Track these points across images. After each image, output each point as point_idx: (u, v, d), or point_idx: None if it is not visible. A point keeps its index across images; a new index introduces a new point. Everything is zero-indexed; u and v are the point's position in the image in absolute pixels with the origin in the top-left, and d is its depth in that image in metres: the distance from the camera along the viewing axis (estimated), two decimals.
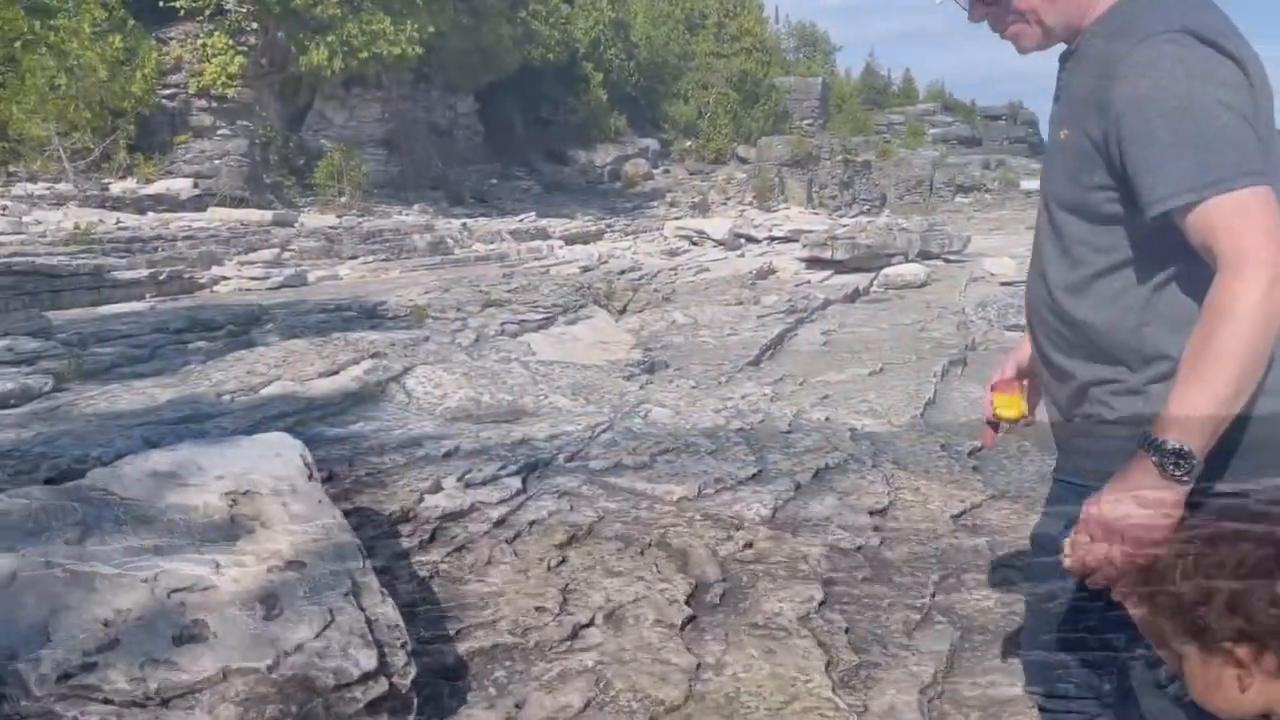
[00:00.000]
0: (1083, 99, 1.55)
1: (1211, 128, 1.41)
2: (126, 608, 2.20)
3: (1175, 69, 1.43)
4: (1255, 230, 1.37)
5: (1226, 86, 1.43)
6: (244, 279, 10.85)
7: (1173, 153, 1.41)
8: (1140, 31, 1.47)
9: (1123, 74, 1.46)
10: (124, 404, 4.81)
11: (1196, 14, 1.49)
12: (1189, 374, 1.39)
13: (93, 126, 15.98)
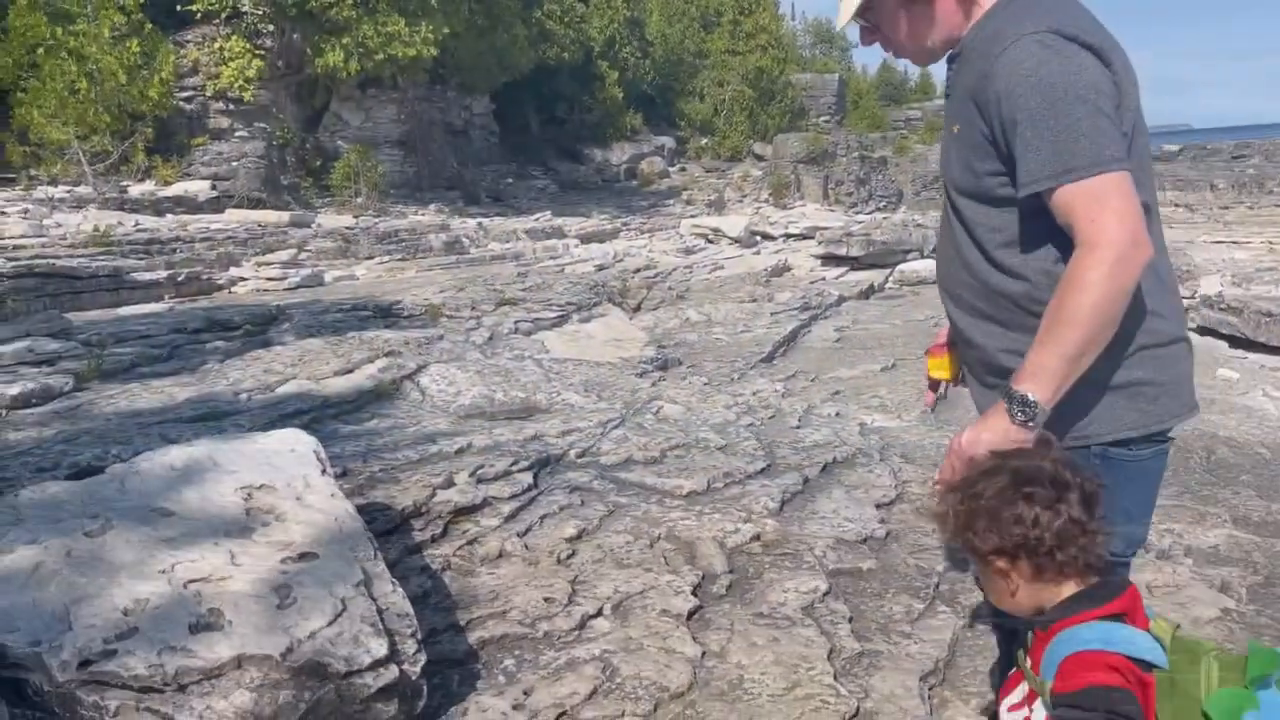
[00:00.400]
0: (968, 96, 1.71)
1: (1073, 119, 1.57)
2: (145, 597, 2.27)
3: (1042, 66, 1.59)
4: (1107, 214, 1.54)
5: (1089, 80, 1.59)
6: (261, 280, 10.95)
7: (1038, 141, 1.58)
8: (1013, 33, 1.63)
9: (999, 71, 1.62)
10: (143, 403, 4.89)
11: (1061, 15, 1.65)
12: (1043, 335, 1.58)
13: (112, 130, 16.14)
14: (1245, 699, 1.31)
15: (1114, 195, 1.55)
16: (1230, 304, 8.64)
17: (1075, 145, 1.56)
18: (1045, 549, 1.40)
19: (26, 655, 2.09)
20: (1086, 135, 1.57)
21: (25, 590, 2.26)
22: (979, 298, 1.79)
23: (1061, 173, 1.57)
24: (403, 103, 22.68)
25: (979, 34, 1.74)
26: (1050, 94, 1.58)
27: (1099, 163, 1.56)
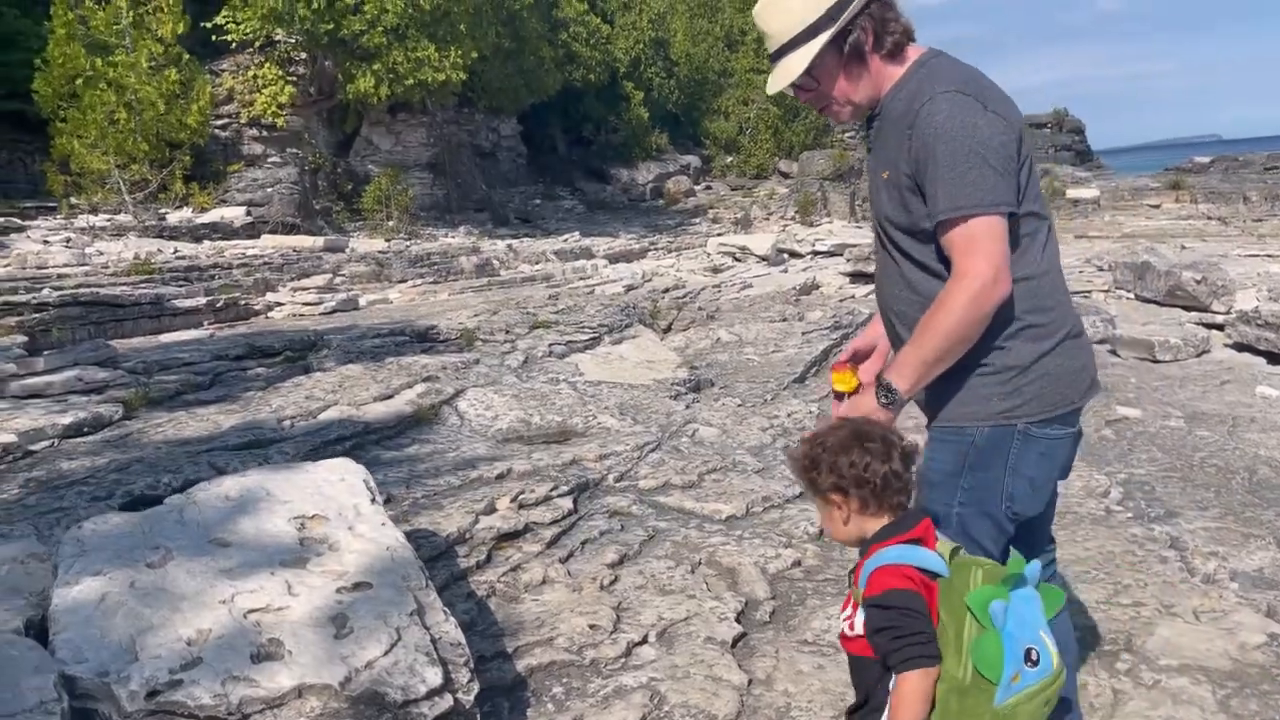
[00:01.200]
0: (893, 146, 2.04)
1: (965, 167, 1.91)
2: (207, 627, 2.33)
3: (949, 120, 1.93)
4: (977, 252, 1.92)
5: (983, 137, 1.93)
6: (297, 305, 11.10)
7: (940, 183, 1.93)
8: (929, 91, 1.97)
9: (919, 123, 1.96)
10: (190, 430, 4.99)
11: (967, 81, 2.01)
12: (913, 340, 1.98)
13: (150, 158, 16.44)
14: (996, 592, 1.67)
15: (985, 238, 1.91)
16: (1268, 319, 8.54)
17: (963, 190, 1.91)
18: (872, 488, 1.81)
19: (95, 686, 2.15)
20: (973, 184, 1.91)
21: (92, 622, 2.33)
22: (922, 310, 2.05)
23: (950, 210, 1.93)
24: (432, 126, 22.93)
25: (898, 94, 2.06)
26: (951, 144, 1.92)
27: (980, 206, 1.91)
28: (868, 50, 2.03)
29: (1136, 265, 12.29)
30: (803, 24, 2.01)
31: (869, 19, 2.01)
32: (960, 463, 2.09)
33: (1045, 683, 1.65)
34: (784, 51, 2.05)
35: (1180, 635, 3.17)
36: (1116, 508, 4.44)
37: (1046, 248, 2.10)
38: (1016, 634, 1.64)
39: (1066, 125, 53.61)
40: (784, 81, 2.06)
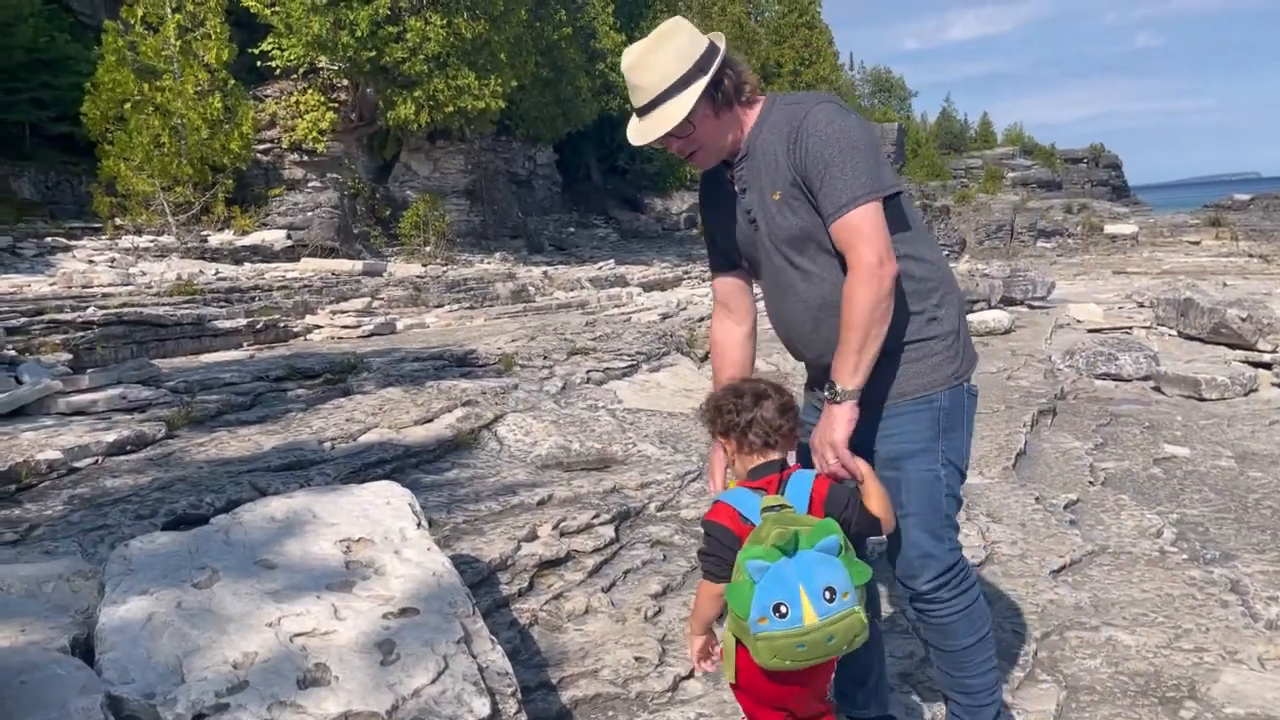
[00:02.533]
0: (776, 168, 2.22)
1: (845, 161, 2.13)
2: (253, 650, 2.30)
3: (830, 125, 2.16)
4: (860, 241, 2.13)
5: (857, 133, 2.16)
6: (336, 327, 11.17)
7: (827, 184, 2.15)
8: (803, 107, 2.20)
9: (802, 134, 2.16)
10: (231, 450, 5.00)
11: (828, 95, 2.26)
12: (840, 340, 2.17)
13: (194, 181, 16.71)
14: (763, 554, 1.94)
15: (865, 224, 2.12)
16: None
17: (844, 187, 2.12)
18: (740, 431, 2.15)
19: (142, 707, 2.12)
20: (851, 179, 2.12)
21: (139, 642, 2.30)
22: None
23: (834, 210, 2.14)
24: (470, 154, 23.14)
25: (761, 128, 2.26)
26: (832, 145, 2.14)
27: (856, 198, 2.12)
28: (733, 97, 2.22)
29: (1179, 302, 12.11)
30: (675, 76, 2.15)
31: (730, 69, 2.20)
32: (935, 428, 2.32)
33: (792, 632, 1.92)
34: (657, 102, 2.18)
35: (1245, 683, 3.06)
36: (1171, 549, 4.32)
37: (923, 233, 2.38)
38: (769, 588, 1.92)
39: (1103, 160, 53.31)
40: (664, 128, 2.18)
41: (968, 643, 2.37)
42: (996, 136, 57.63)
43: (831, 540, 1.95)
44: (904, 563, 2.35)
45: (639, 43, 2.22)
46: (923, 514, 2.31)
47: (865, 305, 2.11)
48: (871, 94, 58.16)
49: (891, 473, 2.30)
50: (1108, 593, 3.79)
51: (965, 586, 2.37)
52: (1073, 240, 36.45)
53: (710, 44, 2.21)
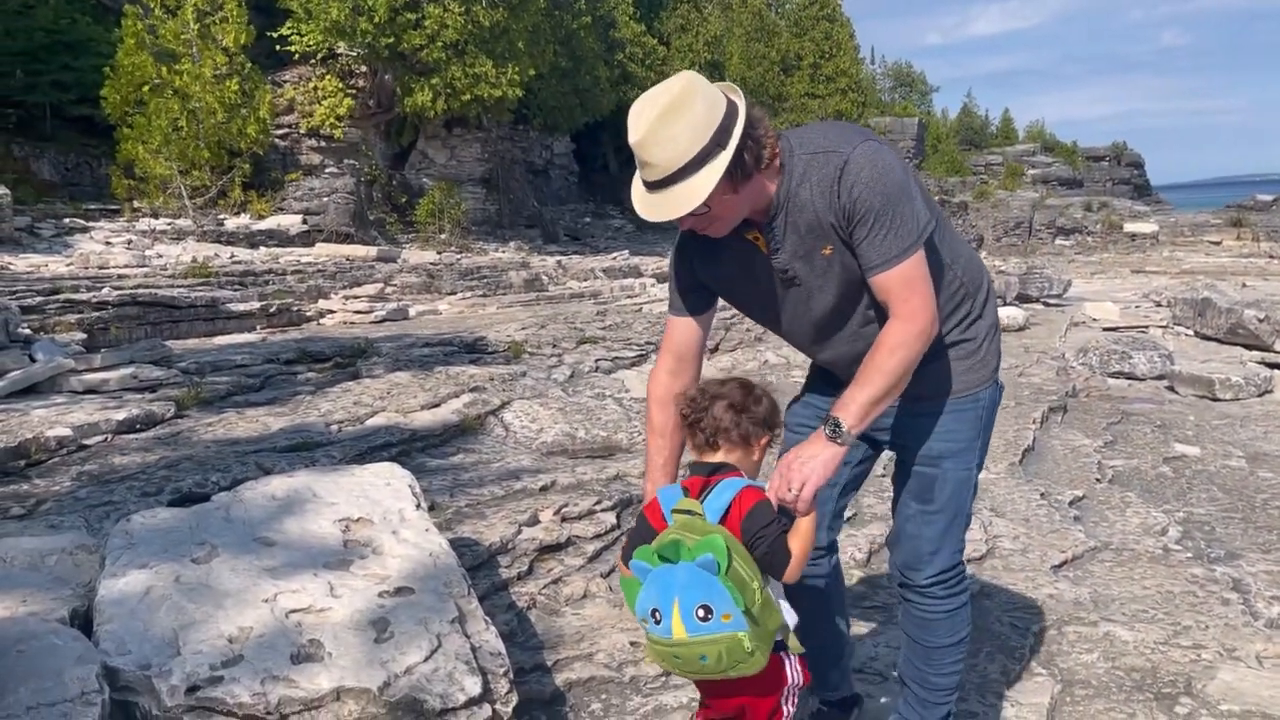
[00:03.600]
0: (818, 224, 2.06)
1: (895, 209, 2.00)
2: (249, 625, 2.33)
3: (873, 169, 2.00)
4: (913, 294, 2.02)
5: (899, 175, 2.03)
6: (348, 312, 11.21)
7: (874, 233, 2.02)
8: (839, 154, 2.02)
9: (844, 182, 2.00)
10: (239, 431, 5.03)
11: (851, 131, 2.09)
12: (861, 379, 2.02)
13: (211, 165, 16.80)
14: (646, 557, 1.88)
15: (916, 278, 2.02)
16: None
17: (893, 238, 2.00)
18: (689, 424, 2.11)
19: (137, 678, 2.15)
20: (899, 227, 2.00)
21: (136, 614, 2.33)
22: None
23: (881, 261, 2.01)
24: (486, 142, 23.18)
25: (790, 183, 2.06)
26: (879, 193, 1.99)
27: (908, 248, 2.01)
28: (753, 169, 2.01)
29: (1196, 302, 12.02)
30: (691, 154, 1.94)
31: (749, 140, 1.98)
32: (977, 427, 2.30)
33: (663, 641, 1.86)
34: (670, 182, 1.97)
35: (1242, 680, 3.04)
36: (1175, 547, 4.30)
37: (958, 244, 2.30)
38: (648, 592, 1.87)
39: (1125, 159, 52.88)
40: (678, 212, 1.98)
41: (946, 642, 2.38)
42: (1018, 133, 57.24)
43: (708, 559, 1.82)
44: (912, 554, 2.34)
45: (647, 109, 1.96)
46: (949, 512, 2.30)
47: (904, 361, 2.02)
48: (892, 89, 57.85)
49: (930, 469, 2.28)
50: (1108, 589, 3.77)
51: (960, 588, 2.38)
52: (1092, 238, 36.20)
53: (728, 107, 1.98)
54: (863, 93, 41.62)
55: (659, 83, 2.05)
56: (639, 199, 2.06)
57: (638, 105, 1.98)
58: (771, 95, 37.37)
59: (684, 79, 1.97)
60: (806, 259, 2.11)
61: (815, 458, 1.98)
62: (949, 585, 2.34)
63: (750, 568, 1.89)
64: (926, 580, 2.33)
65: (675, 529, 1.94)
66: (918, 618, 2.38)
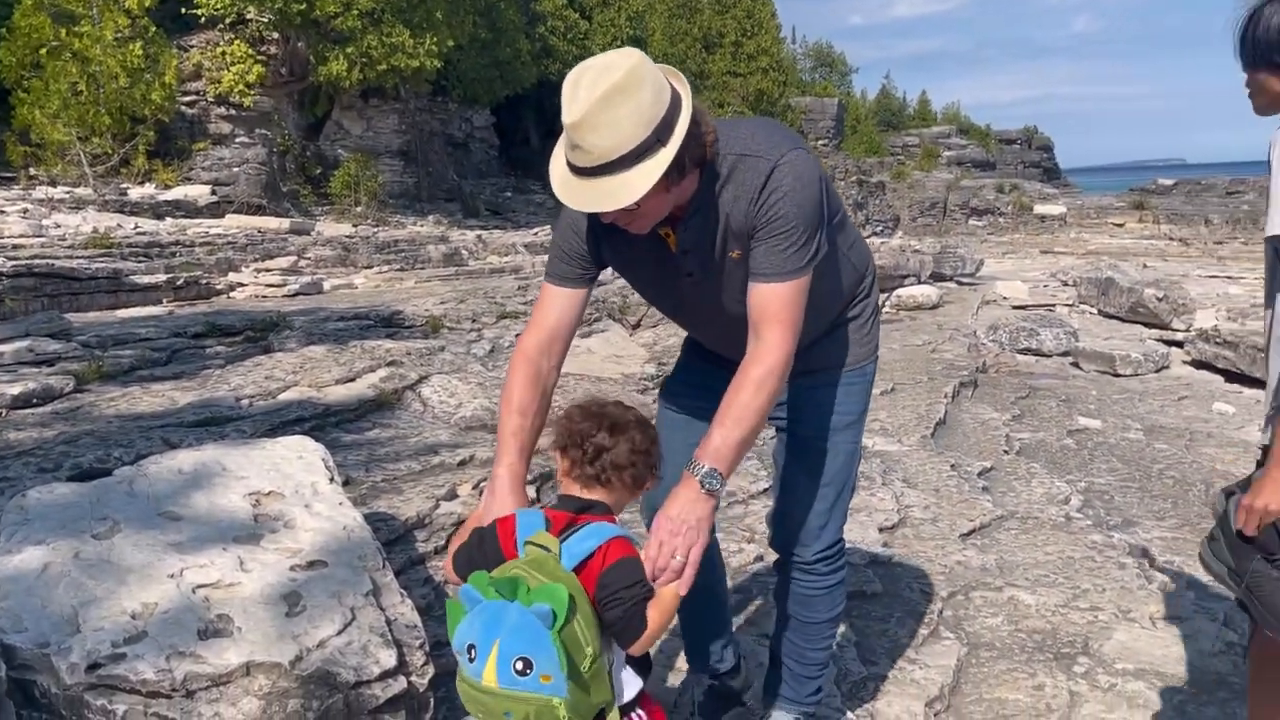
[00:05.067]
0: (735, 228, 1.98)
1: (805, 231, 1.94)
2: (153, 601, 2.26)
3: (797, 182, 1.93)
4: (784, 322, 1.93)
5: (817, 194, 1.98)
6: (260, 286, 10.92)
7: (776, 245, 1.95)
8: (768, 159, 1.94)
9: (768, 190, 1.93)
10: (144, 405, 4.87)
11: (781, 134, 2.01)
12: (730, 423, 1.87)
13: (113, 132, 16.14)
14: (483, 587, 1.64)
15: (793, 305, 1.94)
16: (1226, 338, 8.68)
17: (790, 257, 1.93)
18: (578, 452, 1.87)
19: (35, 657, 2.07)
20: (800, 251, 1.93)
21: (33, 591, 2.24)
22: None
23: (771, 273, 1.93)
24: (404, 113, 22.73)
25: (716, 187, 1.97)
26: (796, 208, 1.92)
27: (798, 270, 1.93)
28: (688, 168, 1.89)
29: (1100, 281, 12.45)
30: (631, 145, 1.77)
31: (691, 139, 1.85)
32: (864, 400, 2.34)
33: (470, 681, 1.63)
34: (607, 170, 1.79)
35: (1137, 640, 3.18)
36: (1076, 515, 4.47)
37: (855, 234, 2.32)
38: (470, 625, 1.64)
39: (1036, 142, 54.33)
40: (614, 205, 1.81)
41: (825, 617, 2.39)
42: (935, 115, 58.32)
43: (544, 609, 1.58)
44: (801, 530, 2.32)
45: (588, 86, 1.77)
46: (838, 485, 2.31)
47: (771, 396, 1.91)
48: (813, 69, 58.33)
49: (823, 443, 2.28)
50: (1013, 555, 3.90)
51: (842, 563, 2.39)
52: (1003, 219, 37.17)
53: (673, 98, 1.84)
54: (784, 72, 41.89)
55: (583, 56, 1.95)
56: (562, 183, 1.88)
57: (577, 79, 1.79)
58: (694, 72, 37.38)
59: (632, 58, 1.80)
60: (714, 261, 2.05)
61: (694, 516, 1.80)
62: (833, 561, 2.35)
63: (590, 631, 1.66)
64: (814, 556, 2.32)
65: (522, 563, 1.71)
66: (800, 595, 2.38)
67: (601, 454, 1.86)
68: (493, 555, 1.79)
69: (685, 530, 1.78)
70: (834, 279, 2.20)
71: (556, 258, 2.16)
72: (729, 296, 2.08)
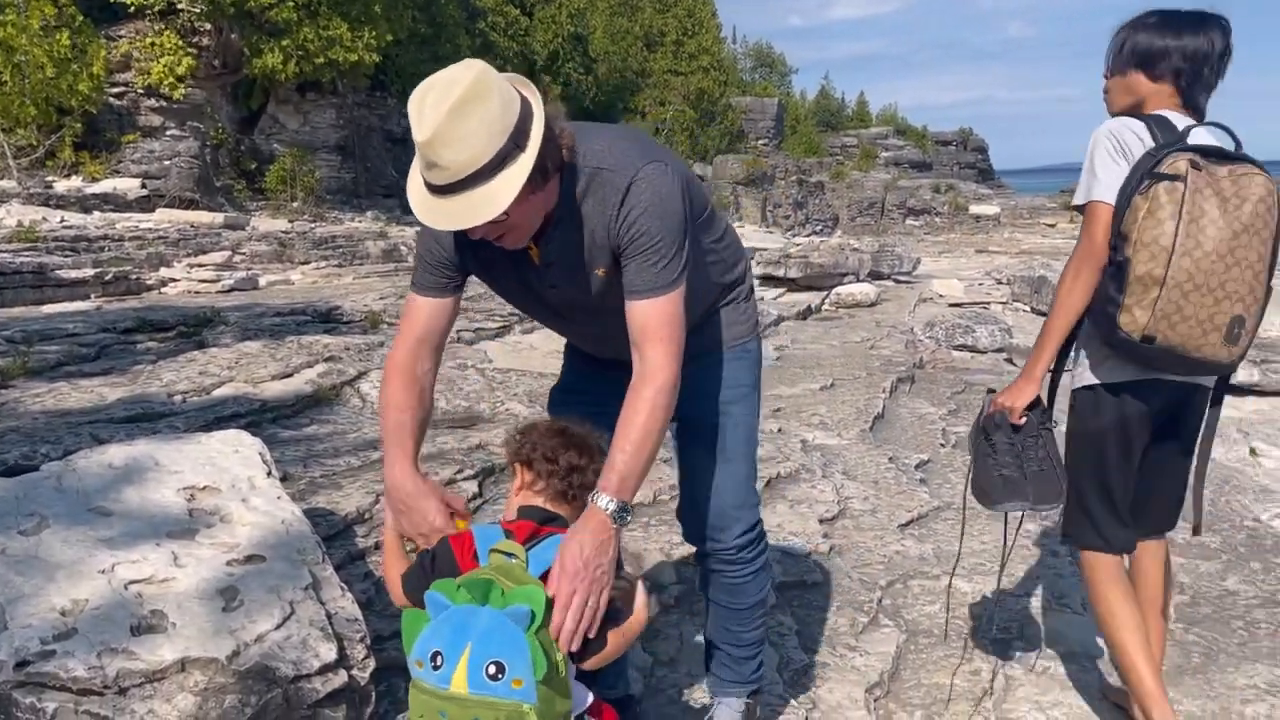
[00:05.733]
0: (596, 244, 1.96)
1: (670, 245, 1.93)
2: (84, 598, 2.20)
3: (656, 196, 1.91)
4: (666, 339, 1.90)
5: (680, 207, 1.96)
6: (194, 281, 10.68)
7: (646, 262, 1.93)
8: (624, 173, 1.91)
9: (626, 206, 1.90)
10: (72, 402, 4.74)
11: (641, 146, 1.99)
12: (628, 449, 1.83)
13: (38, 123, 15.64)
14: (451, 591, 1.63)
15: (676, 321, 1.92)
16: None
17: (662, 271, 1.91)
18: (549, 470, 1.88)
19: None
20: (671, 265, 1.91)
21: None
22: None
23: (645, 289, 1.91)
24: (342, 108, 22.39)
25: (576, 197, 1.93)
26: (659, 222, 1.90)
27: (671, 284, 1.91)
28: (551, 171, 1.85)
29: (1033, 279, 12.74)
30: (489, 154, 1.72)
31: (548, 142, 1.81)
32: (754, 372, 2.34)
33: (436, 692, 1.58)
34: (468, 184, 1.74)
35: (1068, 625, 3.27)
36: None
37: (717, 208, 2.34)
38: (436, 631, 1.60)
39: (971, 144, 55.35)
40: (483, 218, 1.76)
41: (754, 600, 2.37)
42: (872, 116, 59.11)
43: (522, 609, 1.58)
44: (718, 515, 2.27)
45: (434, 102, 1.71)
46: (744, 459, 2.30)
47: (665, 416, 1.89)
48: (753, 69, 58.76)
49: (721, 417, 2.28)
50: (950, 545, 3.98)
51: (763, 546, 2.37)
52: (939, 219, 37.83)
53: (523, 105, 1.79)
54: (724, 71, 42.16)
55: (524, 53, 1.90)
56: (423, 204, 1.81)
57: (421, 96, 1.74)
58: (635, 71, 37.46)
59: (474, 69, 1.75)
60: (581, 277, 2.01)
61: (606, 558, 1.74)
62: (754, 545, 2.32)
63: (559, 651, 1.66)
64: (737, 540, 2.28)
65: (490, 569, 1.69)
66: (728, 584, 2.34)
67: (574, 472, 1.88)
68: (449, 572, 1.75)
69: (598, 574, 1.71)
70: (703, 276, 2.18)
71: (421, 268, 2.12)
72: (598, 303, 2.04)
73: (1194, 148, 2.26)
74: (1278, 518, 4.57)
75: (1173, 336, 2.24)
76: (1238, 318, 2.24)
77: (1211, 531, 4.27)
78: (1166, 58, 2.38)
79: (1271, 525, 4.42)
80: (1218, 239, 2.20)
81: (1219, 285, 2.21)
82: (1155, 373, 2.39)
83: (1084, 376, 2.53)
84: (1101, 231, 2.33)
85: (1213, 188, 2.21)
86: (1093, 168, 2.35)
